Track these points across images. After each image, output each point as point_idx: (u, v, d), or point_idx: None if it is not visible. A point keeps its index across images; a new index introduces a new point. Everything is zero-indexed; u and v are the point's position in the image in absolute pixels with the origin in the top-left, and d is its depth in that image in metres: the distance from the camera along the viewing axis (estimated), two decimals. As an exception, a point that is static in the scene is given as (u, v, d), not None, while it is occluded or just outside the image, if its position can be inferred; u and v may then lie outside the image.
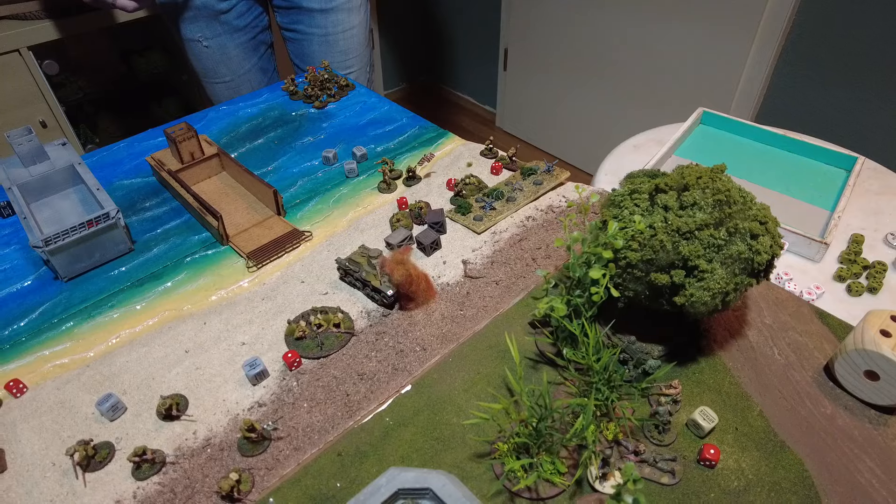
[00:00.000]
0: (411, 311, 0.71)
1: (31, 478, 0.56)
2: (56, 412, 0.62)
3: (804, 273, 0.94)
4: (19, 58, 1.57)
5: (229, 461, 0.56)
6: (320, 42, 1.34)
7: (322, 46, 1.34)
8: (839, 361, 0.60)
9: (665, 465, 0.54)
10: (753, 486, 0.53)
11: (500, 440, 0.55)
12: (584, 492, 0.53)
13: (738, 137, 1.27)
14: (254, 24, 1.33)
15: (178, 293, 0.76)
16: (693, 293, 0.54)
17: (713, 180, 0.56)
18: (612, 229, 0.55)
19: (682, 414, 0.59)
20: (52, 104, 1.68)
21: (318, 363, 0.65)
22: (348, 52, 1.36)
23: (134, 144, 1.06)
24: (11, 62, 1.56)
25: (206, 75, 1.37)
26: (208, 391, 0.63)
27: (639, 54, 2.05)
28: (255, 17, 1.32)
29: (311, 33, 1.33)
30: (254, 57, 1.37)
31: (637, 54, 2.06)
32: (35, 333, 0.71)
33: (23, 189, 0.84)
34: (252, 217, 0.86)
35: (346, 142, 1.04)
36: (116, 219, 0.78)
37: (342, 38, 1.33)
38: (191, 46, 1.32)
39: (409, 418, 0.59)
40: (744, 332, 0.68)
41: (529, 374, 0.63)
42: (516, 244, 0.80)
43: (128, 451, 0.57)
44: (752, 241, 0.55)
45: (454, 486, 0.50)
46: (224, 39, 1.29)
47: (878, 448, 0.56)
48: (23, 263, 0.82)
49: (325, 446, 0.57)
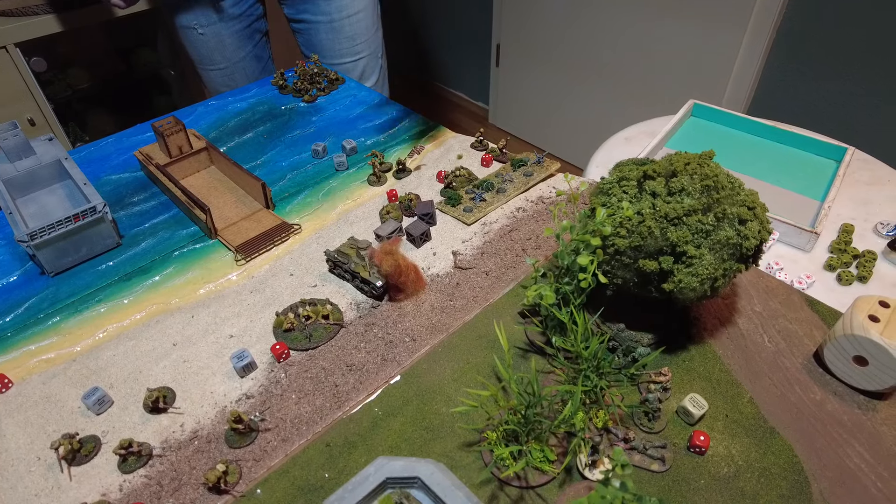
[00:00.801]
0: (401, 302, 0.70)
1: (15, 472, 0.55)
2: (41, 407, 0.61)
3: (795, 263, 0.94)
4: (6, 55, 1.56)
5: (217, 453, 0.56)
6: (327, 30, 1.32)
7: (329, 34, 1.32)
8: (828, 347, 0.60)
9: (655, 452, 0.54)
10: (743, 472, 0.53)
11: (489, 429, 0.55)
12: (574, 480, 0.53)
13: (729, 129, 1.27)
14: (249, 13, 1.32)
15: (166, 287, 0.75)
16: (682, 279, 0.54)
17: (701, 166, 0.56)
18: (601, 216, 0.55)
19: (671, 401, 0.59)
20: (41, 102, 1.67)
21: (306, 355, 0.65)
22: (355, 37, 1.34)
23: (122, 139, 1.05)
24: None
25: (201, 63, 1.37)
26: (196, 384, 0.63)
27: (631, 49, 2.05)
28: (250, 6, 1.31)
29: (317, 21, 1.31)
30: (248, 45, 1.36)
31: (629, 49, 2.06)
32: (20, 329, 0.71)
33: (8, 184, 0.83)
34: (241, 211, 0.86)
35: (335, 135, 1.03)
36: (103, 213, 0.78)
37: (348, 23, 1.31)
38: (186, 34, 1.31)
39: (399, 408, 0.59)
40: (734, 320, 0.67)
41: (519, 363, 0.63)
42: (506, 235, 0.79)
43: (114, 444, 0.57)
44: (741, 227, 0.55)
45: (442, 475, 0.49)
46: (219, 27, 1.29)
47: (866, 433, 0.56)
48: (8, 259, 0.81)
49: (313, 437, 0.57)
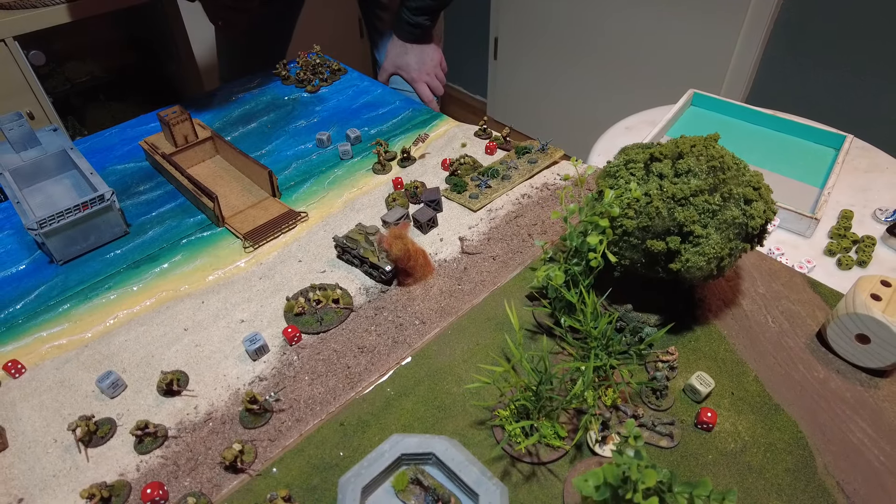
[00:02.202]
0: (409, 286, 0.71)
1: (33, 454, 0.56)
2: (56, 391, 0.62)
3: (796, 248, 0.96)
4: (5, 48, 1.55)
5: (231, 434, 0.57)
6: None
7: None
8: (831, 326, 0.61)
9: (663, 428, 0.55)
10: (750, 447, 0.54)
11: (500, 406, 0.56)
12: (584, 455, 0.54)
13: (728, 118, 1.28)
14: None
15: (174, 274, 0.76)
16: (689, 258, 0.55)
17: (707, 148, 0.56)
18: (609, 197, 0.56)
19: (678, 380, 0.60)
20: (40, 95, 1.66)
21: (317, 338, 0.65)
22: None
23: (126, 130, 1.05)
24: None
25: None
26: (208, 367, 0.63)
27: (629, 40, 2.06)
28: None
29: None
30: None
31: (628, 40, 2.06)
32: (31, 316, 0.71)
33: (15, 174, 0.84)
34: (247, 199, 0.86)
35: (339, 125, 1.04)
36: (111, 201, 0.78)
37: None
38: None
39: (410, 388, 0.60)
40: (738, 302, 0.68)
41: (527, 344, 0.64)
42: (512, 221, 0.80)
43: (129, 426, 0.58)
44: (746, 207, 0.56)
45: (457, 451, 0.50)
46: None
47: (869, 409, 0.57)
48: (17, 248, 0.81)
49: (326, 417, 0.57)
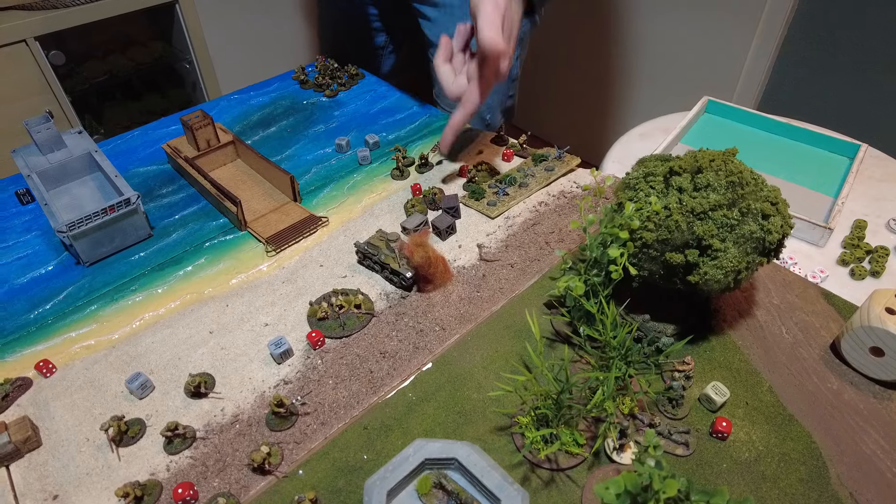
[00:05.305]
0: (429, 293, 0.73)
1: (66, 452, 0.58)
2: (86, 391, 0.64)
3: (809, 258, 0.96)
4: (26, 48, 1.58)
5: (258, 436, 0.58)
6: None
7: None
8: (845, 338, 0.62)
9: (679, 437, 0.56)
10: (764, 457, 0.56)
11: (520, 414, 0.57)
12: (602, 463, 0.55)
13: (742, 126, 1.29)
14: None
15: (198, 277, 0.78)
16: (707, 271, 0.56)
17: (726, 163, 0.58)
18: (629, 210, 0.57)
19: (694, 389, 0.61)
20: (59, 95, 1.69)
21: (340, 342, 0.67)
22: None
23: (148, 132, 1.07)
24: (18, 52, 1.57)
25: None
26: (234, 370, 0.65)
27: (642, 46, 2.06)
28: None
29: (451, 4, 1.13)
30: None
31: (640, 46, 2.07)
32: (61, 316, 0.73)
33: (42, 176, 0.86)
34: (269, 203, 0.88)
35: (357, 130, 1.05)
36: (137, 204, 0.80)
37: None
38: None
39: (432, 394, 0.61)
40: (753, 312, 0.70)
41: (546, 352, 0.65)
42: (530, 228, 0.82)
43: (158, 427, 0.59)
44: (764, 221, 0.57)
45: (479, 456, 0.52)
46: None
47: (882, 421, 0.58)
48: (44, 249, 0.83)
49: (350, 421, 0.59)
